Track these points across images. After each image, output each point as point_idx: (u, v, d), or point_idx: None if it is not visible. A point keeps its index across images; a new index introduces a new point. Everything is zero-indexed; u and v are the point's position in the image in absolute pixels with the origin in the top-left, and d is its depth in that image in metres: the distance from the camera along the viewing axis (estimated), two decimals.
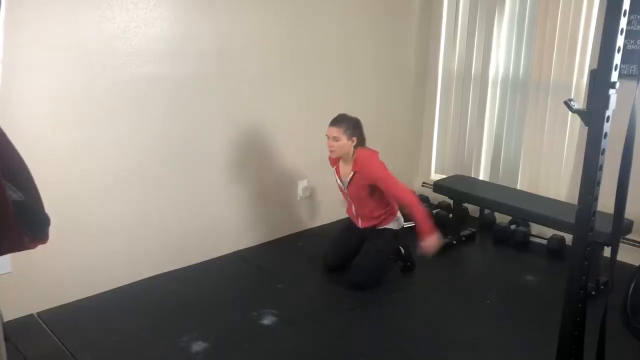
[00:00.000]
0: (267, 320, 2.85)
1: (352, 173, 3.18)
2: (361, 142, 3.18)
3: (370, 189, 3.16)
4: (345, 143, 3.10)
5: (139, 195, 3.14)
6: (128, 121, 3.01)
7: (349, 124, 3.11)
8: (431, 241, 3.06)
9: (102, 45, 2.83)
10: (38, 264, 2.73)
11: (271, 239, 3.85)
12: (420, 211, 3.08)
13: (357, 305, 3.01)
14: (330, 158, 3.32)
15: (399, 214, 3.34)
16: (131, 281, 3.18)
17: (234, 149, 3.52)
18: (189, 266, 3.42)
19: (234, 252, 3.64)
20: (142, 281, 3.22)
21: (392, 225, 3.30)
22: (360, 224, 3.33)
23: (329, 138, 3.12)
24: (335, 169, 3.30)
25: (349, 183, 3.21)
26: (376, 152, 3.21)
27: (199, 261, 3.47)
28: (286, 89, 3.67)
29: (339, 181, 3.31)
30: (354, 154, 3.16)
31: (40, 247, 1.29)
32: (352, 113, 3.20)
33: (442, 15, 4.38)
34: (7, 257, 2.63)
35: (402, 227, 3.36)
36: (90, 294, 3.03)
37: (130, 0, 2.88)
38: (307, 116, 3.81)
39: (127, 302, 3.02)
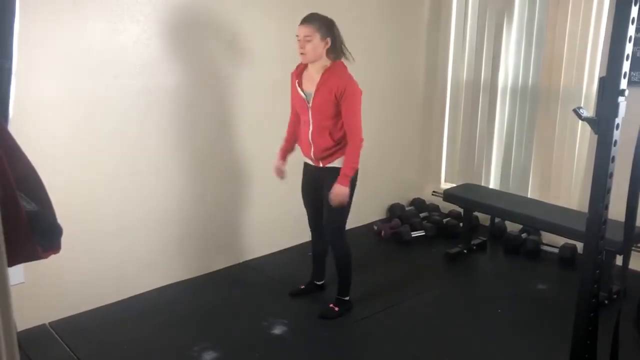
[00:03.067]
0: (278, 330, 2.84)
1: (319, 81, 2.81)
2: (336, 47, 2.84)
3: (334, 106, 2.80)
4: (318, 44, 2.76)
5: (150, 205, 3.16)
6: (139, 131, 3.04)
7: (321, 23, 2.78)
8: (341, 192, 2.79)
9: (114, 56, 2.87)
10: (50, 274, 2.75)
11: (281, 249, 3.85)
12: (354, 155, 2.80)
13: (367, 315, 3.00)
14: (294, 71, 2.98)
15: None
16: (142, 291, 3.20)
17: (247, 157, 3.54)
18: (199, 276, 3.43)
19: (244, 262, 3.65)
20: (153, 291, 3.23)
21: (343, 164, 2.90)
22: (313, 153, 2.92)
23: (299, 39, 2.78)
24: (298, 82, 2.92)
25: (315, 93, 2.83)
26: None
27: (209, 271, 3.48)
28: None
29: (301, 92, 2.90)
30: (328, 61, 2.82)
31: (52, 257, 1.30)
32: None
33: (451, 24, 4.40)
34: (20, 268, 2.66)
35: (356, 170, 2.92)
36: (102, 304, 3.05)
37: (142, 13, 2.92)
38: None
39: (138, 311, 3.03)
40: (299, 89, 2.92)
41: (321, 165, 2.95)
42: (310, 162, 3.01)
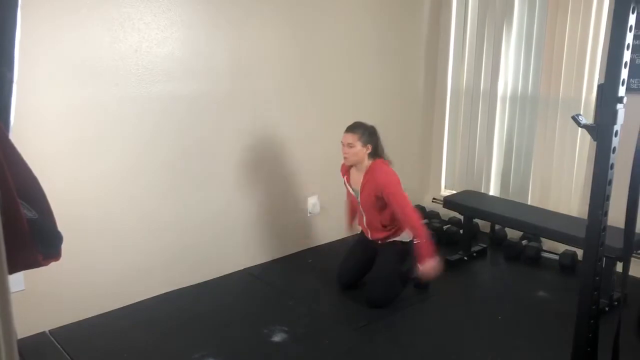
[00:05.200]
0: (278, 337, 2.84)
1: (362, 181, 3.17)
2: (377, 150, 3.17)
3: (379, 201, 3.15)
4: (360, 150, 3.10)
5: (149, 212, 3.17)
6: (139, 138, 3.05)
7: (364, 131, 3.11)
8: (430, 265, 3.05)
9: (115, 64, 2.88)
10: (50, 281, 2.75)
11: (281, 256, 3.85)
12: (423, 235, 3.06)
13: (367, 322, 3.00)
14: (342, 166, 3.33)
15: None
16: (142, 298, 3.20)
17: (244, 165, 3.55)
18: (199, 283, 3.43)
19: (244, 269, 3.65)
20: (153, 298, 3.23)
21: (403, 238, 3.28)
22: (370, 235, 3.32)
23: (343, 145, 3.12)
24: (346, 178, 3.30)
25: (360, 192, 3.21)
26: (392, 170, 3.20)
27: (209, 278, 3.48)
28: (295, 106, 3.70)
29: (350, 189, 3.30)
30: (368, 163, 3.15)
31: (52, 265, 1.31)
32: None
33: (450, 32, 4.41)
34: (21, 275, 2.66)
35: (413, 240, 3.32)
36: (102, 311, 3.04)
37: (142, 21, 2.93)
38: (317, 133, 3.83)
39: (138, 319, 3.03)
40: (348, 186, 3.32)
41: (379, 239, 3.30)
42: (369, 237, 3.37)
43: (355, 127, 3.13)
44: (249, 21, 3.36)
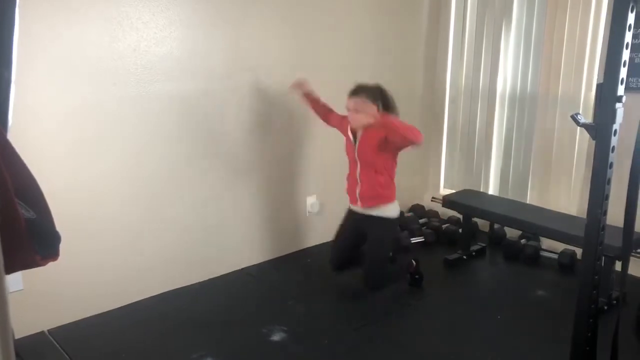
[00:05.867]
0: (277, 337, 2.84)
1: (367, 126, 3.04)
2: (389, 107, 3.08)
3: (380, 143, 3.03)
4: (371, 108, 2.99)
5: (148, 212, 3.16)
6: (137, 138, 3.04)
7: (368, 92, 3.02)
8: (389, 119, 2.96)
9: (113, 63, 2.87)
10: (49, 281, 2.75)
11: (279, 255, 3.85)
12: (418, 135, 2.98)
13: (366, 321, 3.00)
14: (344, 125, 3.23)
15: (396, 202, 3.23)
16: (141, 298, 3.20)
17: (242, 165, 3.54)
18: (197, 283, 3.43)
19: (242, 269, 3.65)
20: (151, 298, 3.23)
21: (391, 213, 3.20)
22: (359, 201, 3.18)
23: (349, 110, 3.05)
24: (350, 129, 3.18)
25: (360, 137, 3.10)
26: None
27: (207, 278, 3.48)
28: (294, 105, 3.69)
29: (351, 136, 3.17)
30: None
31: (50, 265, 1.30)
32: None
33: (449, 31, 4.41)
34: (19, 275, 2.66)
35: (399, 215, 3.28)
36: (101, 311, 3.04)
37: (141, 20, 2.93)
38: (316, 132, 3.83)
39: (137, 319, 3.02)
40: (349, 134, 3.18)
41: (367, 213, 3.18)
42: (357, 210, 3.23)
43: (360, 90, 3.03)
44: (248, 21, 3.36)
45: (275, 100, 3.61)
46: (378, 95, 3.05)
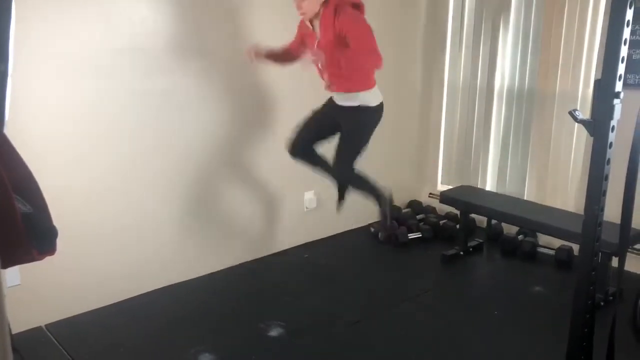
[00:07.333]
0: (274, 332, 2.84)
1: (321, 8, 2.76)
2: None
3: (338, 38, 2.78)
4: None
5: (146, 206, 3.16)
6: (134, 133, 3.04)
7: None
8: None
9: (109, 59, 2.86)
10: (46, 276, 2.74)
11: (277, 251, 3.85)
12: (378, 60, 2.79)
13: (363, 317, 3.00)
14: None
15: (376, 87, 3.01)
16: (139, 293, 3.19)
17: (239, 160, 3.54)
18: (196, 278, 3.42)
19: (240, 264, 3.64)
20: (149, 293, 3.22)
21: (369, 101, 2.95)
22: (332, 86, 2.95)
23: (296, 3, 2.80)
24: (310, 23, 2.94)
25: (320, 31, 2.84)
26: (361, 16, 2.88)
27: (206, 273, 3.48)
28: (291, 101, 3.68)
29: (308, 24, 2.89)
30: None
31: (48, 259, 1.30)
32: None
33: (447, 27, 4.40)
34: (16, 269, 2.65)
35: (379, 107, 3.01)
36: (98, 306, 3.04)
37: (138, 15, 2.92)
38: None
39: (134, 314, 3.02)
40: (306, 23, 2.90)
41: (341, 104, 2.97)
42: (334, 101, 3.03)
43: None
44: (248, 15, 3.35)
45: (275, 96, 3.60)
46: None
